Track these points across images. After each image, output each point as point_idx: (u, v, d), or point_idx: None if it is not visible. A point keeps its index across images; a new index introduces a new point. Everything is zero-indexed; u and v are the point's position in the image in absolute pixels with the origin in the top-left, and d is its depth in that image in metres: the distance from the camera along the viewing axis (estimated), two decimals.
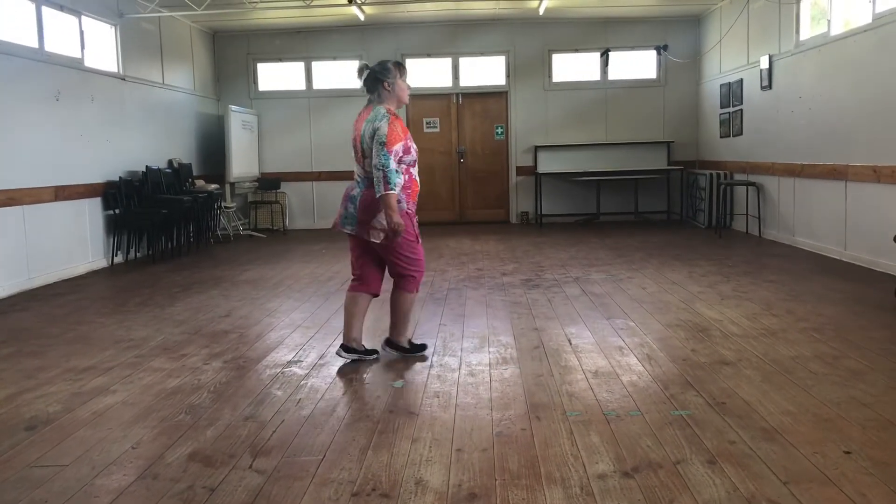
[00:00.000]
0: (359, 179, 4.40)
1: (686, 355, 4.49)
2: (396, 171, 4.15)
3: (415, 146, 4.37)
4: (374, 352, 4.65)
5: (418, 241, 4.48)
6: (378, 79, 4.34)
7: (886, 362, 4.22)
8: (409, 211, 4.38)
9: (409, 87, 4.47)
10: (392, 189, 4.12)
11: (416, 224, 4.46)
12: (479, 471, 2.94)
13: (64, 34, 8.49)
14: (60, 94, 8.19)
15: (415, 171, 4.38)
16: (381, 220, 4.24)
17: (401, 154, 4.20)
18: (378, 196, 4.17)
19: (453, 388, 4.01)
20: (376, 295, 4.63)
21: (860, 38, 7.52)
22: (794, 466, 2.89)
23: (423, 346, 4.73)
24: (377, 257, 4.51)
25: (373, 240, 4.33)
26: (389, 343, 4.67)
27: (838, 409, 3.49)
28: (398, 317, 4.59)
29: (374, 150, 4.16)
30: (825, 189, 8.26)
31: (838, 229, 7.99)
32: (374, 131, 4.18)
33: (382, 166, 4.11)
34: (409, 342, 4.70)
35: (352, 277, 4.62)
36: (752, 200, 10.27)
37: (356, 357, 4.57)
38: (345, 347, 4.57)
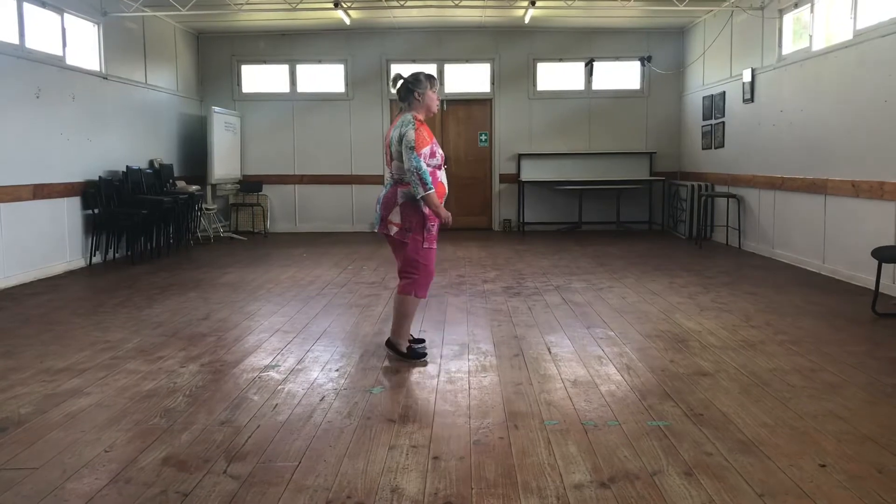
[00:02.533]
0: (387, 181, 4.71)
1: (665, 366, 4.51)
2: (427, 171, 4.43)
3: (440, 151, 4.63)
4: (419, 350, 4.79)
5: (432, 247, 4.64)
6: (410, 89, 4.63)
7: (863, 376, 4.25)
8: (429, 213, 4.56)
9: (438, 98, 4.73)
10: (430, 188, 4.42)
11: (435, 228, 4.63)
12: (456, 479, 2.92)
13: (45, 31, 8.40)
14: (41, 91, 8.10)
15: (440, 174, 4.62)
16: (396, 216, 4.54)
17: (427, 157, 4.46)
18: (419, 198, 4.43)
19: (432, 395, 4.00)
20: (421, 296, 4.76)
21: (841, 53, 7.60)
22: (770, 479, 2.89)
23: (423, 355, 4.72)
24: None
25: (391, 233, 4.59)
26: (388, 344, 4.79)
27: (814, 423, 3.51)
28: (394, 316, 4.73)
29: (404, 155, 4.43)
30: (805, 202, 8.34)
31: (817, 243, 8.06)
32: (402, 136, 4.46)
33: (416, 169, 4.39)
34: (409, 348, 4.72)
35: (398, 278, 4.80)
36: (733, 212, 10.35)
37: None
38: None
